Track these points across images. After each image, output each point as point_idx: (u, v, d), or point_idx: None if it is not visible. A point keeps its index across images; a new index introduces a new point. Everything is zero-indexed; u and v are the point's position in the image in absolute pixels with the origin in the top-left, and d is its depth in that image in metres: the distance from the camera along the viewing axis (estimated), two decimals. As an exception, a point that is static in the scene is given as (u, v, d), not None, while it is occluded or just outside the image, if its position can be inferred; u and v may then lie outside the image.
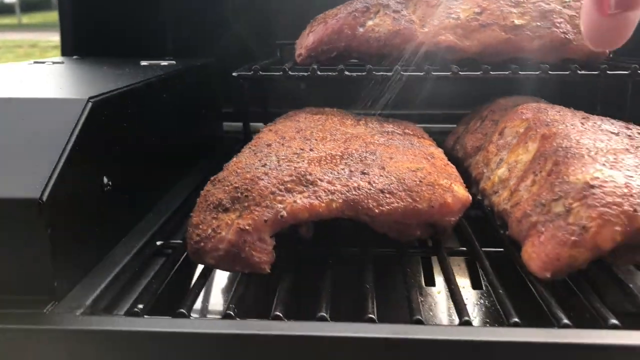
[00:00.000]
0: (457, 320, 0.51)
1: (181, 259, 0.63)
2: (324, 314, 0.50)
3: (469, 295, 0.76)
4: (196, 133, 1.00)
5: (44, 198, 0.50)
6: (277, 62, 1.07)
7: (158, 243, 0.68)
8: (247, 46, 1.21)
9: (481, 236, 0.71)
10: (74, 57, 1.10)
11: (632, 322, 0.50)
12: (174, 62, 0.97)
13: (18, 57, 10.12)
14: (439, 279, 0.74)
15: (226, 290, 0.73)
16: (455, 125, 1.05)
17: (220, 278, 0.75)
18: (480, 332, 0.49)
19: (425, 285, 0.71)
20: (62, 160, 0.53)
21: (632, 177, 0.58)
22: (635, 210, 0.55)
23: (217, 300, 0.71)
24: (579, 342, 0.46)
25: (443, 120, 1.18)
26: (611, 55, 1.12)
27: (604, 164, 0.61)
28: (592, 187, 0.57)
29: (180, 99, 0.88)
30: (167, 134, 0.82)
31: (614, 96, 1.16)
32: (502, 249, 0.66)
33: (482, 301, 0.74)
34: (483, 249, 0.66)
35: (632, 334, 0.47)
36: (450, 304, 0.68)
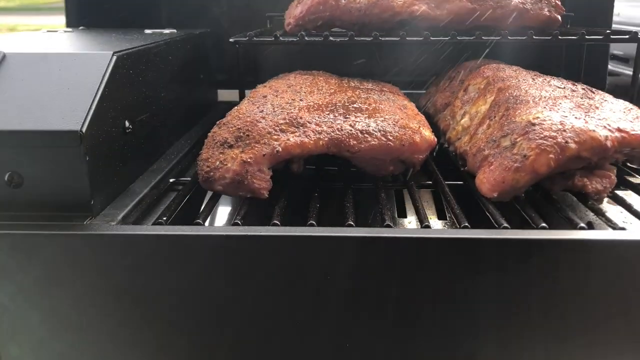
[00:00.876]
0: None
1: (192, 190, 0.75)
2: (313, 222, 0.62)
3: (436, 225, 0.89)
4: (196, 94, 1.11)
5: (84, 130, 0.61)
6: (268, 32, 1.17)
7: (171, 180, 0.79)
8: (240, 18, 1.31)
9: (446, 176, 0.83)
10: (80, 27, 1.19)
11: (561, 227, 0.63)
12: (175, 31, 1.07)
13: (-1, 41, 9.99)
14: (411, 213, 0.87)
15: (231, 214, 0.84)
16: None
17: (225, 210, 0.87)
18: (435, 232, 0.61)
19: (398, 217, 0.84)
20: (95, 103, 0.64)
21: (566, 116, 0.71)
22: (566, 142, 0.67)
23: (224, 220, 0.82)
24: (513, 237, 0.59)
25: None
26: (569, 26, 1.25)
27: (544, 107, 0.73)
28: (533, 124, 0.70)
29: (183, 63, 0.99)
30: (173, 92, 0.93)
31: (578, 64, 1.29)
32: (461, 182, 0.79)
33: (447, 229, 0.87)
34: (446, 182, 0.79)
35: (559, 232, 0.59)
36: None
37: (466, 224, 0.62)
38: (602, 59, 1.30)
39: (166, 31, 1.06)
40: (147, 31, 1.06)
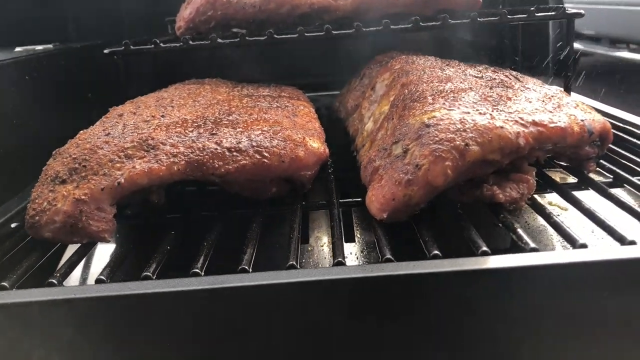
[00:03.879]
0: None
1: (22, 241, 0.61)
2: (197, 270, 0.50)
3: (349, 247, 0.76)
4: (81, 115, 0.98)
5: None
6: (160, 38, 1.05)
7: (13, 225, 0.66)
8: (141, 25, 1.19)
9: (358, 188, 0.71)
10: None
11: (466, 251, 0.51)
12: (50, 46, 0.94)
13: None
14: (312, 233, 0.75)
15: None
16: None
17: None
18: (300, 274, 0.48)
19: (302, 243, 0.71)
20: None
21: (468, 112, 0.59)
22: (466, 145, 0.55)
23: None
24: (394, 273, 0.46)
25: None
26: (501, 7, 1.13)
27: (443, 104, 0.61)
28: (428, 126, 0.58)
29: (52, 81, 0.86)
30: (32, 117, 0.80)
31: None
32: (359, 199, 0.66)
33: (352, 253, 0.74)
34: (344, 200, 0.66)
35: (457, 261, 0.47)
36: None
37: (340, 260, 0.50)
38: (543, 41, 1.18)
39: (40, 47, 0.93)
40: (18, 49, 0.93)
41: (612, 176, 0.69)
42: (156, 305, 0.47)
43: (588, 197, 0.63)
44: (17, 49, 0.93)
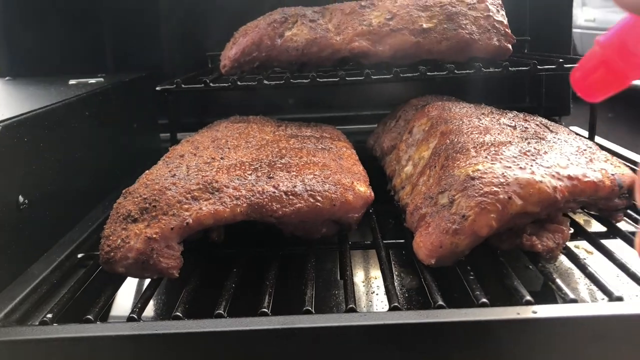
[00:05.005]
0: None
1: (94, 272, 0.66)
2: (221, 311, 0.54)
3: (380, 283, 0.81)
4: (129, 145, 1.03)
5: (-50, 220, 0.53)
6: (207, 73, 1.10)
7: (79, 255, 0.71)
8: (181, 58, 1.25)
9: (395, 229, 0.76)
10: (7, 78, 1.11)
11: (509, 298, 0.56)
12: (102, 79, 0.99)
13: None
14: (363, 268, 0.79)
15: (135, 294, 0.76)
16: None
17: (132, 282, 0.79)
18: (359, 317, 0.53)
19: (340, 278, 0.75)
20: (-30, 183, 0.56)
21: (510, 167, 0.64)
22: (509, 197, 0.60)
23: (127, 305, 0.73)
24: (447, 320, 0.51)
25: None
26: (526, 51, 1.19)
27: (486, 157, 0.66)
28: (473, 179, 0.63)
29: (106, 114, 0.91)
30: (91, 150, 0.85)
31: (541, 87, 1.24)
32: (402, 240, 0.71)
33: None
34: (387, 241, 0.71)
35: (496, 310, 0.52)
36: (365, 291, 0.73)
37: (396, 304, 0.54)
38: (564, 85, 1.24)
39: (92, 80, 0.99)
40: (72, 81, 0.99)
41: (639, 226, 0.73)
42: (229, 343, 0.52)
43: (614, 243, 0.68)
44: (71, 81, 0.99)
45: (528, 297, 0.54)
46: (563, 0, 1.24)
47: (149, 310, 0.76)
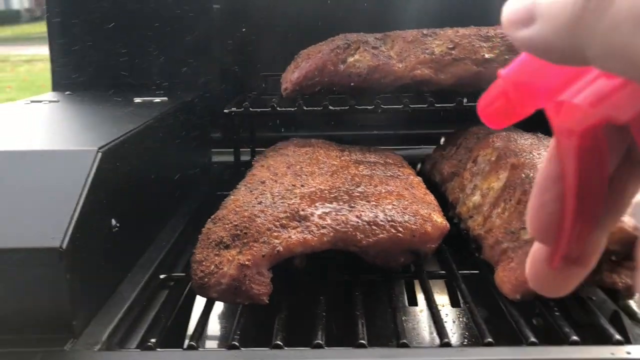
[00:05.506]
0: (437, 340, 0.57)
1: (185, 292, 0.68)
2: (320, 341, 0.56)
3: (450, 312, 0.83)
4: (188, 165, 1.05)
5: (64, 246, 0.55)
6: (263, 94, 1.13)
7: (161, 276, 0.73)
8: (233, 77, 1.27)
9: (457, 256, 0.78)
10: (67, 92, 1.14)
11: (591, 336, 0.57)
12: (165, 98, 1.02)
13: (-11, 72, 9.98)
14: (421, 298, 0.81)
15: (226, 320, 0.78)
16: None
17: (218, 308, 0.81)
18: (457, 352, 0.55)
19: (409, 305, 0.77)
20: (78, 209, 0.58)
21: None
22: (592, 236, 0.62)
23: (218, 330, 0.76)
24: (542, 358, 0.53)
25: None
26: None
27: (565, 194, 0.68)
28: (555, 216, 0.64)
29: (173, 135, 0.94)
30: (163, 170, 0.87)
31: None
32: (477, 271, 0.73)
33: (460, 318, 0.80)
34: (460, 271, 0.73)
35: (590, 349, 0.54)
36: (431, 322, 0.75)
37: (490, 340, 0.56)
38: None
39: (157, 100, 1.01)
40: (137, 100, 1.01)
41: None
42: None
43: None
44: (136, 99, 1.01)
45: (618, 337, 0.56)
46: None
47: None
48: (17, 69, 10.56)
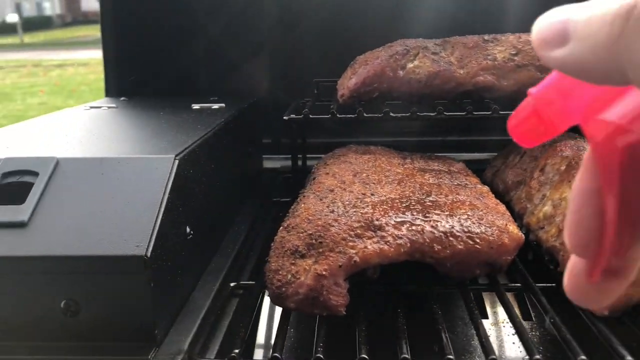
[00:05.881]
0: (518, 352, 0.55)
1: (258, 301, 0.68)
2: (407, 355, 0.55)
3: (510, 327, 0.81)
4: (246, 171, 1.05)
5: (149, 254, 0.54)
6: (317, 100, 1.12)
7: (231, 284, 0.72)
8: (282, 82, 1.27)
9: (527, 267, 0.75)
10: (122, 98, 1.15)
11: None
12: (223, 104, 1.02)
13: (22, 77, 10.26)
14: (490, 311, 0.79)
15: (295, 330, 0.77)
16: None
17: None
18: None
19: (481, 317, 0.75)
20: (160, 217, 0.58)
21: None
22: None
23: (300, 342, 0.74)
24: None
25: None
26: None
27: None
28: None
29: (236, 142, 0.94)
30: (226, 176, 0.87)
31: None
32: (553, 284, 0.70)
33: (533, 332, 0.78)
34: (537, 284, 0.71)
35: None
36: (504, 336, 0.73)
37: (583, 357, 0.54)
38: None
39: (215, 106, 1.01)
40: (195, 106, 1.01)
41: None
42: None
43: None
44: (194, 106, 1.01)
45: None
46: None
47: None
48: (49, 73, 10.81)
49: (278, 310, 0.66)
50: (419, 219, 0.68)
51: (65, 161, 0.63)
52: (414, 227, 0.67)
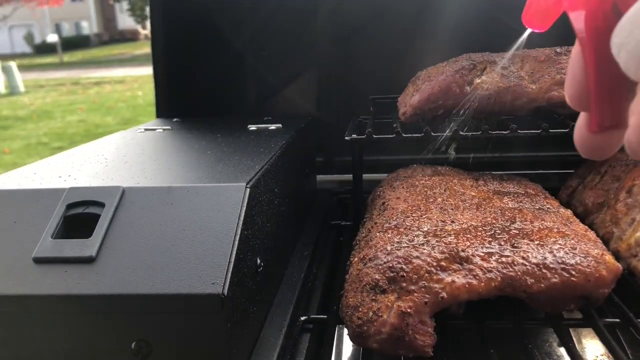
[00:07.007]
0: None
1: (334, 339, 0.63)
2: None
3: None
4: (304, 193, 1.01)
5: (225, 292, 0.50)
6: (375, 118, 1.08)
7: (302, 318, 0.68)
8: (334, 100, 1.23)
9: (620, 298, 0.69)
10: (174, 119, 1.13)
11: None
12: (280, 125, 0.98)
13: (62, 95, 10.57)
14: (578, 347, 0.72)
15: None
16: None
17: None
18: None
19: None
20: (234, 250, 0.54)
21: None
22: None
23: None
24: None
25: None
26: None
27: None
28: None
29: (294, 163, 0.90)
30: (289, 201, 0.83)
31: None
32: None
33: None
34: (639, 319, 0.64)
35: None
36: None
37: None
38: None
39: (272, 127, 0.98)
40: (252, 127, 0.98)
41: None
42: None
43: None
44: (251, 127, 0.98)
45: None
46: None
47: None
48: (88, 91, 11.11)
49: (354, 347, 0.61)
50: (507, 249, 0.63)
51: (132, 190, 0.60)
52: (503, 259, 0.61)
